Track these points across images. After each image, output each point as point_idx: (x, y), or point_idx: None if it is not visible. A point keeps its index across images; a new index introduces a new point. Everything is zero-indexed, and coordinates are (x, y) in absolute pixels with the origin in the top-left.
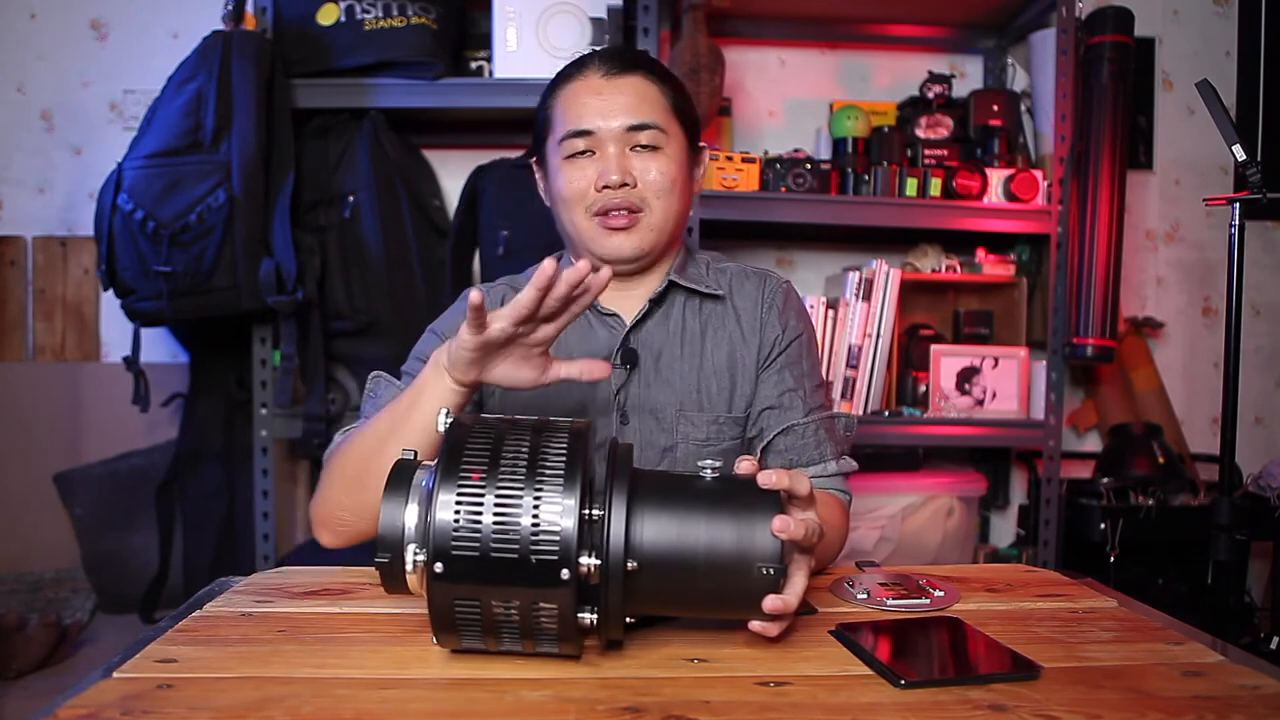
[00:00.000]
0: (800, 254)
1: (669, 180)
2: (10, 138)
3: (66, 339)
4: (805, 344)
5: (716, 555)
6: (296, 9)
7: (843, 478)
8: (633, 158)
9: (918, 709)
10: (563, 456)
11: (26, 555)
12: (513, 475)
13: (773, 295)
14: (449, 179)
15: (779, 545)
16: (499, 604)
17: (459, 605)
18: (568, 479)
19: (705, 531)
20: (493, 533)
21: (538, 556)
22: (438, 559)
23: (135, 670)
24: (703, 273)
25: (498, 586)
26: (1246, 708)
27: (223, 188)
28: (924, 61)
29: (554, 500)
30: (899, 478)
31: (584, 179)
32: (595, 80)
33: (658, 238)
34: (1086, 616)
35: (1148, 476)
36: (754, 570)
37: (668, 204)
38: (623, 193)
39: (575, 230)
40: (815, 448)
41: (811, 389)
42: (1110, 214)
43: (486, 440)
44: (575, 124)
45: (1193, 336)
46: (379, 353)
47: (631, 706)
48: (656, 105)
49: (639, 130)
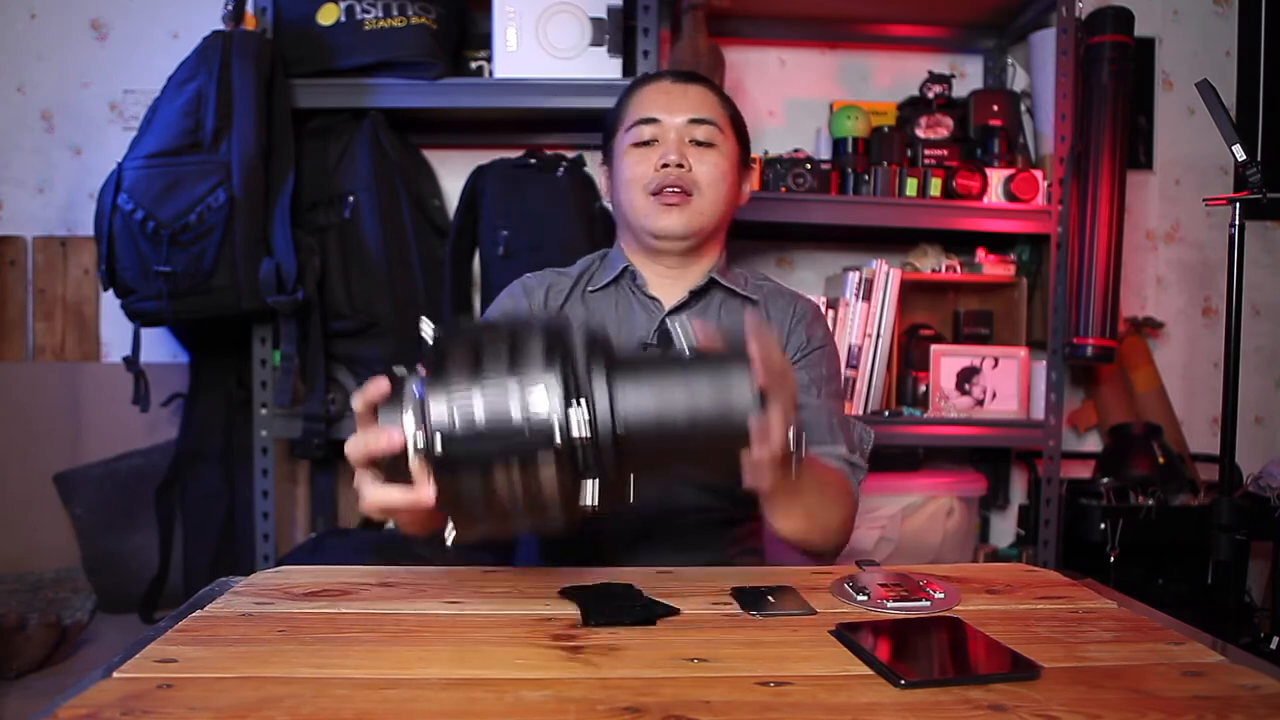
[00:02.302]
0: (800, 254)
1: (720, 173)
2: (10, 138)
3: (66, 339)
4: (827, 355)
5: (697, 407)
6: (296, 9)
7: (851, 467)
8: (690, 149)
9: (918, 709)
10: (540, 342)
11: (26, 555)
12: (496, 364)
13: (803, 311)
14: (449, 179)
15: (752, 384)
16: (500, 479)
17: (463, 486)
18: (547, 360)
19: (682, 388)
20: (485, 418)
21: (531, 428)
22: (438, 443)
23: (135, 670)
24: (741, 281)
25: (496, 465)
26: (1246, 708)
27: (223, 188)
28: (924, 61)
29: (536, 379)
30: (899, 478)
31: (646, 163)
32: (666, 83)
33: (705, 222)
34: (1086, 617)
35: (1148, 476)
36: (733, 413)
37: (717, 193)
38: (678, 173)
39: (633, 209)
40: (827, 430)
41: (828, 393)
42: (1110, 214)
43: (469, 343)
44: (644, 113)
45: (1193, 336)
46: (379, 353)
47: (631, 706)
48: (715, 109)
49: (698, 124)
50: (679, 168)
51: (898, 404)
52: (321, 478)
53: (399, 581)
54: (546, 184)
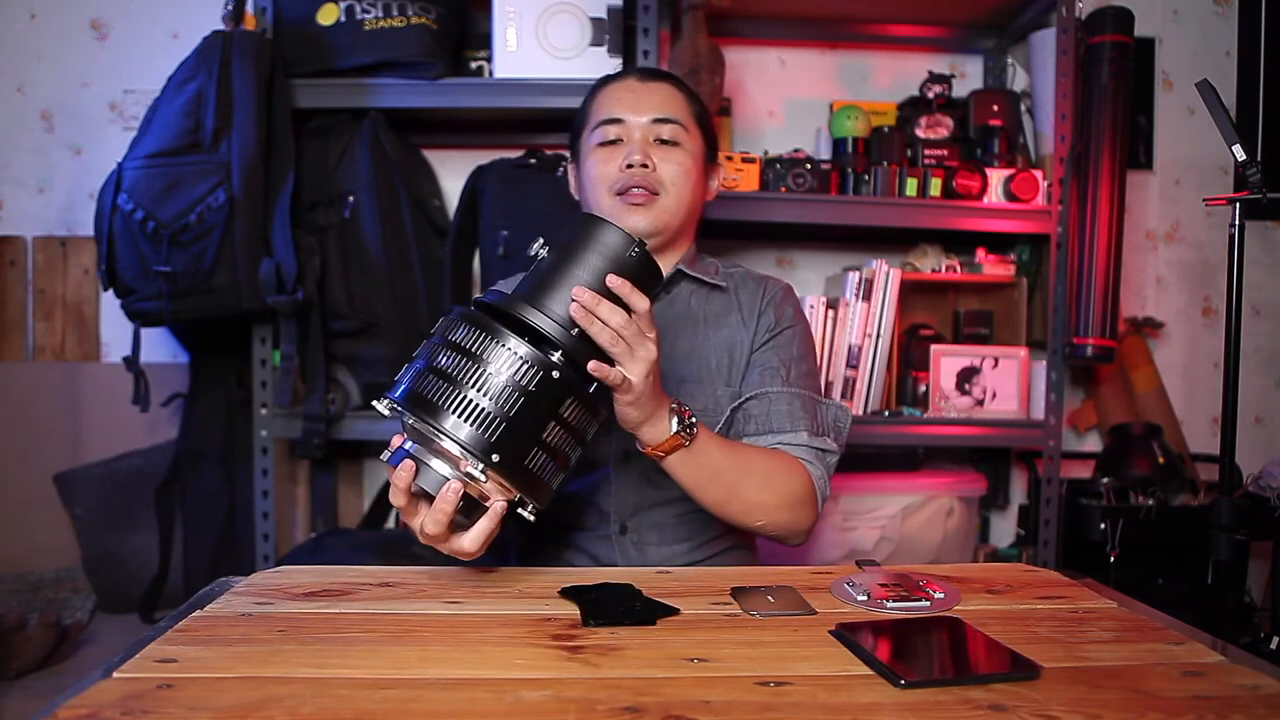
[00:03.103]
0: (800, 254)
1: (684, 171)
2: (10, 138)
3: (66, 339)
4: (798, 335)
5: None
6: (296, 9)
7: (815, 452)
8: (655, 148)
9: (918, 709)
10: (475, 330)
11: (26, 555)
12: (462, 368)
13: (773, 292)
14: (449, 179)
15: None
16: (552, 429)
17: (528, 461)
18: (491, 334)
19: (579, 270)
20: (497, 406)
21: (533, 386)
22: (490, 453)
23: (135, 670)
24: (710, 270)
25: (533, 427)
26: (1246, 708)
27: (223, 188)
28: (924, 61)
29: (499, 352)
30: (899, 478)
31: (611, 163)
32: (631, 82)
33: (670, 219)
34: (1086, 617)
35: (1148, 476)
36: (625, 250)
37: (681, 192)
38: (642, 173)
39: (599, 209)
40: (787, 417)
41: (798, 373)
42: (1110, 214)
43: (427, 375)
44: (608, 113)
45: (1193, 336)
46: (379, 353)
47: (631, 706)
48: (680, 108)
49: (663, 124)
50: (643, 168)
51: (898, 404)
52: (321, 478)
53: (399, 581)
54: (546, 184)
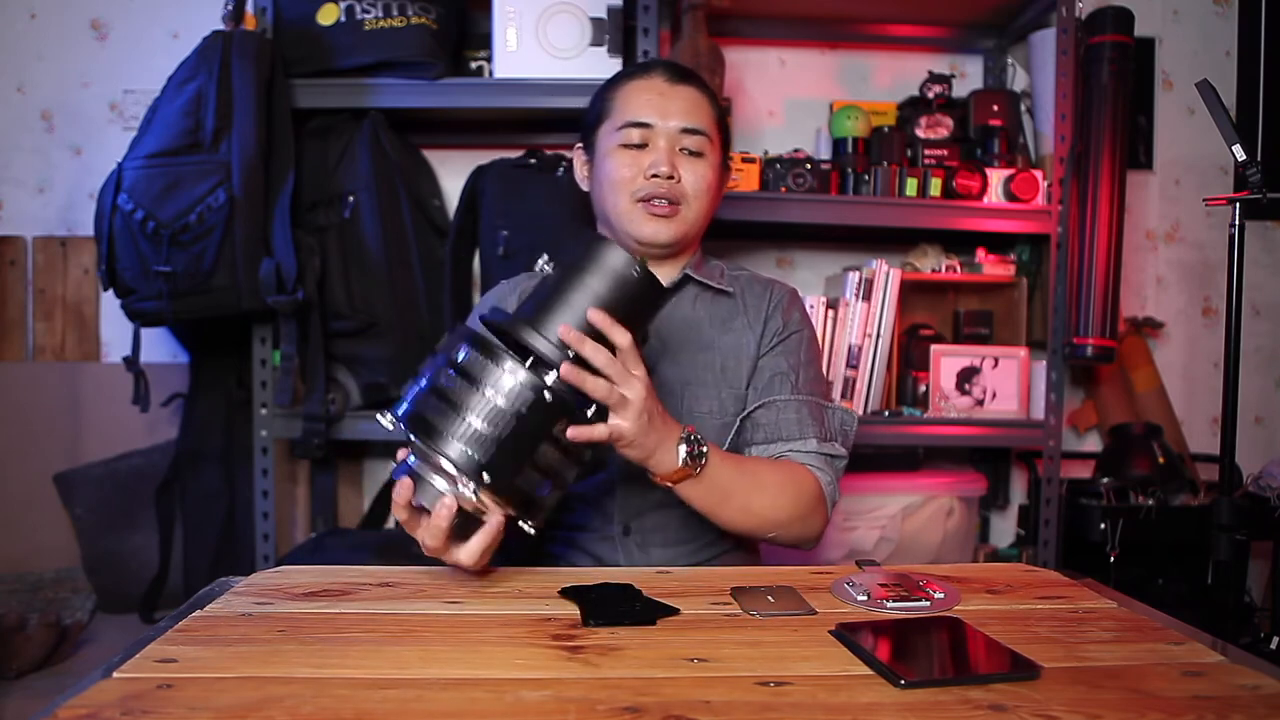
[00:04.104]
0: (800, 254)
1: (706, 184)
2: (10, 138)
3: (66, 339)
4: (805, 340)
5: (598, 295)
6: (296, 9)
7: (824, 458)
8: (680, 159)
9: (918, 709)
10: (472, 349)
11: (26, 555)
12: (456, 389)
13: (779, 296)
14: (449, 179)
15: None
16: (545, 450)
17: (519, 481)
18: (486, 353)
19: (578, 295)
20: (490, 427)
21: (525, 409)
22: (484, 476)
23: (135, 670)
24: (716, 274)
25: (525, 448)
26: (1246, 708)
27: (223, 188)
28: (924, 61)
29: (493, 372)
30: (899, 478)
31: (634, 167)
32: (659, 83)
33: (689, 230)
34: (1086, 617)
35: (1148, 476)
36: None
37: (702, 204)
38: (668, 185)
39: (616, 212)
40: (796, 425)
41: (805, 379)
42: (1110, 214)
43: (429, 396)
44: (636, 115)
45: (1193, 336)
46: (379, 353)
47: (631, 706)
48: (706, 116)
49: (690, 134)
50: (669, 179)
51: (898, 404)
52: (321, 478)
53: (399, 581)
54: (546, 184)
